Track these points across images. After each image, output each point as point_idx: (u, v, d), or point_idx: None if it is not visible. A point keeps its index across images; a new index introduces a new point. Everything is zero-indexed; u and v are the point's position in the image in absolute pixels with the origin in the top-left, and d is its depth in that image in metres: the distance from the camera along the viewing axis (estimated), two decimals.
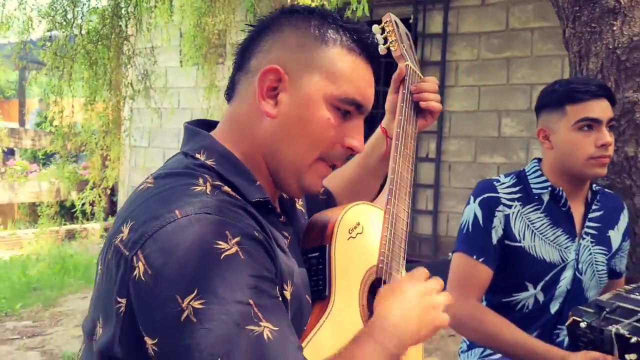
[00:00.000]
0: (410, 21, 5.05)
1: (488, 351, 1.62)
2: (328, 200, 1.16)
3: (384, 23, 1.23)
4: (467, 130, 4.89)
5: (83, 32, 4.33)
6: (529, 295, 1.57)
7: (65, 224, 6.13)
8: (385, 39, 1.21)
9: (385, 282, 0.96)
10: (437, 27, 5.07)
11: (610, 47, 1.83)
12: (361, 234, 0.97)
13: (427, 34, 5.07)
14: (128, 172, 6.60)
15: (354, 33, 0.90)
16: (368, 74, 0.91)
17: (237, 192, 0.84)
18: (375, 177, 1.21)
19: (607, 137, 1.49)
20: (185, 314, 0.71)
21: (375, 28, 1.21)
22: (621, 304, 1.39)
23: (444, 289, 0.92)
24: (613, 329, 1.32)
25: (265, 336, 0.72)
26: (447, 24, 5.01)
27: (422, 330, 0.86)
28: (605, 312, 1.37)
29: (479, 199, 1.58)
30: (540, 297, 1.56)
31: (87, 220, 5.67)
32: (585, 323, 1.36)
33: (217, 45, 5.05)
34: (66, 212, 6.15)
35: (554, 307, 1.57)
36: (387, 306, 0.85)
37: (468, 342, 1.70)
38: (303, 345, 0.82)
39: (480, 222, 1.55)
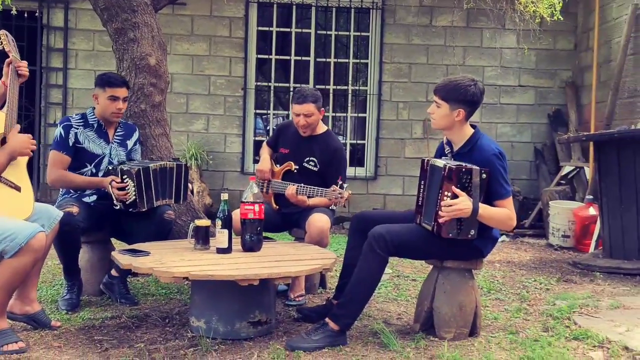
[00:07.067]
0: (37, 14, 6.44)
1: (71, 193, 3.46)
2: None
3: (1, 35, 2.91)
4: (88, 103, 6.56)
5: None
6: (88, 169, 3.47)
7: None
8: (1, 43, 2.91)
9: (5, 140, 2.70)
10: (60, 21, 6.59)
11: (133, 57, 3.84)
12: None
13: (51, 26, 6.54)
14: None
15: None
16: None
17: None
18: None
19: (120, 105, 3.46)
20: None
21: None
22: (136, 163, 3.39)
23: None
24: (120, 167, 3.32)
25: None
26: (68, 20, 6.58)
27: (14, 152, 2.68)
28: (122, 164, 3.36)
29: (61, 125, 3.41)
30: (94, 170, 3.48)
31: None
32: (112, 167, 3.36)
33: None
34: None
35: (100, 174, 3.48)
36: (9, 139, 2.66)
37: (63, 192, 3.50)
38: None
39: (63, 135, 3.39)
